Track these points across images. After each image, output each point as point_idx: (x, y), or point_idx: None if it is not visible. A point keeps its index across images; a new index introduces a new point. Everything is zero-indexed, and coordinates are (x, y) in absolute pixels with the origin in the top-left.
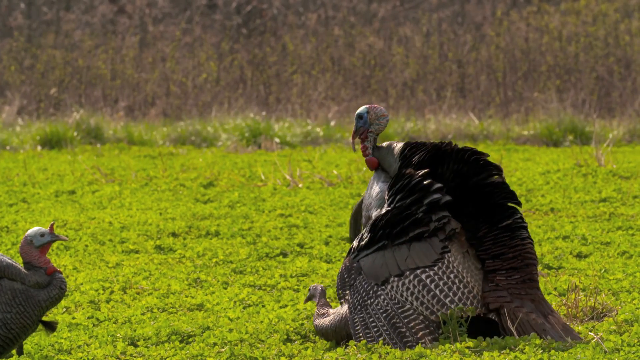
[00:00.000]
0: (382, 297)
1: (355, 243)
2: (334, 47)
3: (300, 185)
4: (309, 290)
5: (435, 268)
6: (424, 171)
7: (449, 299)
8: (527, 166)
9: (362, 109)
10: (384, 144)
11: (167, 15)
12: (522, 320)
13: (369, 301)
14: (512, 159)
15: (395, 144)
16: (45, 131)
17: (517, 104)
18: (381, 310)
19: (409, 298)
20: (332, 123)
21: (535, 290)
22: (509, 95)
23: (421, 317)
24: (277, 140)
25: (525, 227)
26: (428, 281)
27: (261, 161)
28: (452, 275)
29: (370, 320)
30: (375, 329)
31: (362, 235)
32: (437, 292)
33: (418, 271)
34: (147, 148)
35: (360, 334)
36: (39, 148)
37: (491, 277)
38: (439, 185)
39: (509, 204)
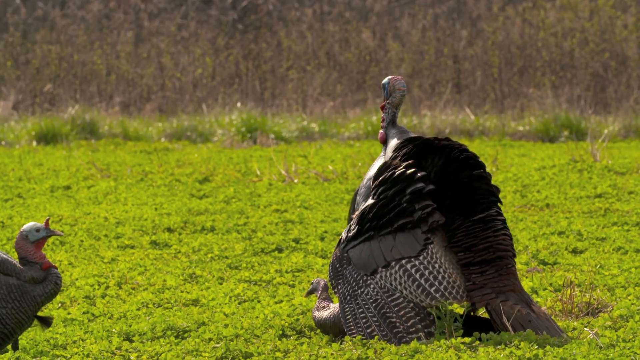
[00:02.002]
0: (372, 286)
1: (343, 234)
2: (330, 42)
3: (295, 181)
4: (312, 283)
5: (421, 258)
6: (407, 162)
7: (434, 288)
8: (522, 162)
9: (386, 79)
10: (400, 126)
11: (162, 11)
12: (507, 314)
13: (359, 290)
14: (508, 154)
15: (403, 134)
16: (40, 126)
17: (512, 99)
18: (371, 300)
19: (398, 287)
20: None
21: (513, 280)
22: (505, 91)
23: (411, 304)
24: (272, 135)
25: (502, 220)
26: (413, 271)
27: (257, 156)
28: (436, 265)
29: (360, 311)
30: (365, 320)
31: (350, 226)
32: (422, 281)
33: (403, 261)
34: (142, 143)
35: (352, 325)
36: (34, 143)
37: (466, 273)
38: (422, 173)
39: (488, 199)
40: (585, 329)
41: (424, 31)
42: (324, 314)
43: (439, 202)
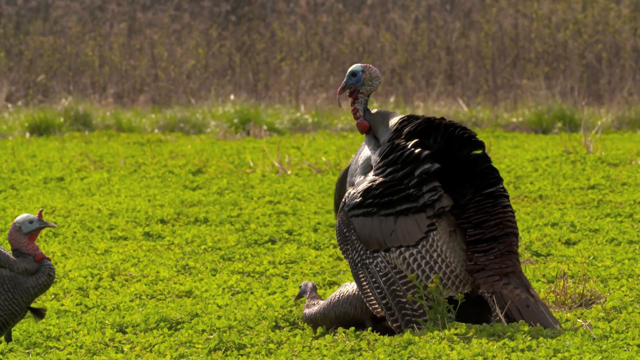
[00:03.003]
0: (380, 258)
1: (347, 199)
2: (323, 34)
3: (289, 172)
4: (300, 287)
5: (419, 247)
6: (414, 141)
7: (429, 281)
8: (515, 153)
9: (357, 66)
10: (375, 110)
11: (155, 2)
12: (505, 297)
13: (367, 261)
14: (501, 146)
15: (391, 115)
16: (33, 118)
17: (505, 91)
18: (381, 273)
19: (404, 270)
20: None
21: (515, 262)
22: (498, 82)
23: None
24: (265, 127)
25: (508, 197)
26: (411, 260)
27: (250, 148)
28: (434, 255)
29: (373, 280)
30: (379, 290)
31: (354, 193)
32: (419, 272)
33: (402, 249)
34: (135, 135)
35: (368, 291)
36: (27, 135)
37: (472, 249)
38: (427, 152)
39: (494, 175)
40: (578, 320)
41: (417, 22)
42: (314, 308)
43: (446, 179)
